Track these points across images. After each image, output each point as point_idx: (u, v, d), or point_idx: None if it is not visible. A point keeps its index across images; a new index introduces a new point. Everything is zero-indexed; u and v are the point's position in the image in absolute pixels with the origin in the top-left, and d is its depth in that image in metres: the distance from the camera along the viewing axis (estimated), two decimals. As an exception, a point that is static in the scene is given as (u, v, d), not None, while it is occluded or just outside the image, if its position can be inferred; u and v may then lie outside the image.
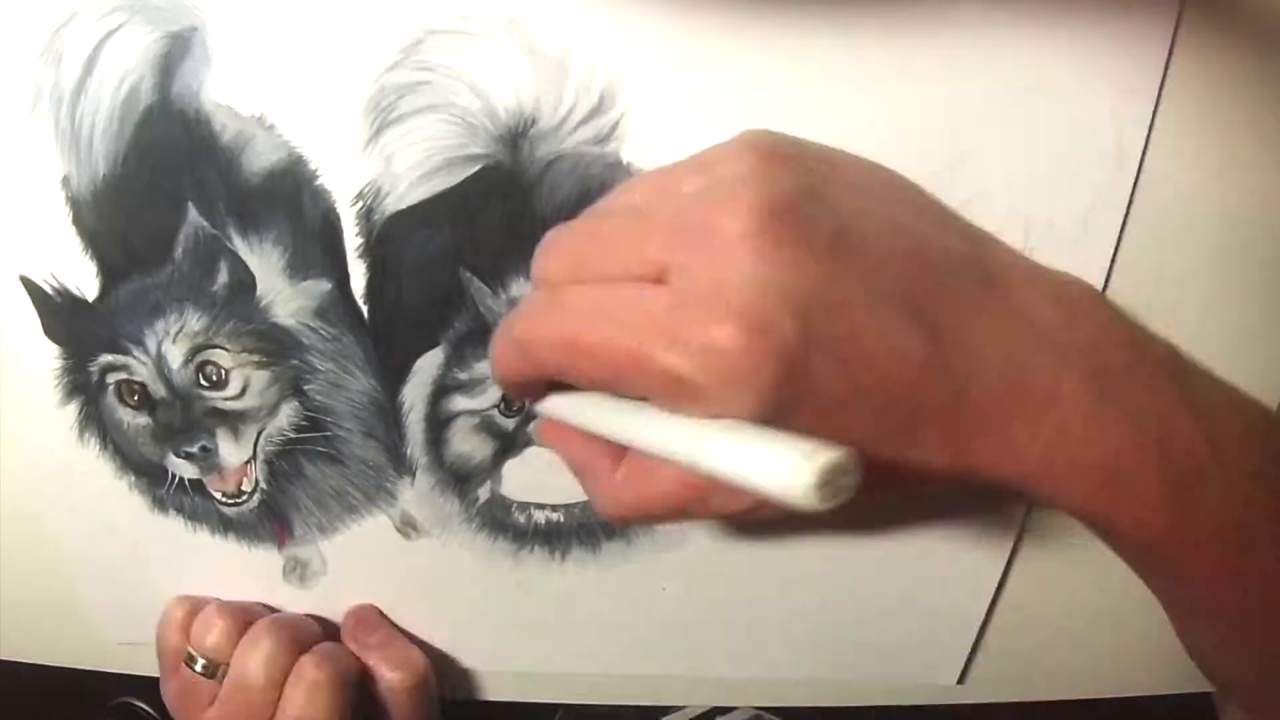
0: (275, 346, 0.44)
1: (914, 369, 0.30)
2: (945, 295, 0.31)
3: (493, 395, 0.45)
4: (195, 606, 0.48)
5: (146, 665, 0.50)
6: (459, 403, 0.45)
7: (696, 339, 0.28)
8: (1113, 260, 0.42)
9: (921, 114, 0.40)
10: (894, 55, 0.39)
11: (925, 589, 0.50)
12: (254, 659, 0.45)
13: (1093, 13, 0.38)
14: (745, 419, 0.28)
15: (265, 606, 0.50)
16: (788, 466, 0.25)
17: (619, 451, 0.35)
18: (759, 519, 0.37)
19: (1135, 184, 0.41)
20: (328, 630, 0.50)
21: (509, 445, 0.46)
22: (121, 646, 0.52)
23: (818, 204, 0.30)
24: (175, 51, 0.39)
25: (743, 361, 0.28)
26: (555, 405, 0.36)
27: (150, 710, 0.56)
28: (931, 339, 0.30)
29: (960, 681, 0.52)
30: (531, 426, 0.45)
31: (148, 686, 0.52)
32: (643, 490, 0.34)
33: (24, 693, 0.56)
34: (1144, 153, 0.40)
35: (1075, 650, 0.52)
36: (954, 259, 0.32)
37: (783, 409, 0.28)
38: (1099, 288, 0.42)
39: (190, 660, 0.47)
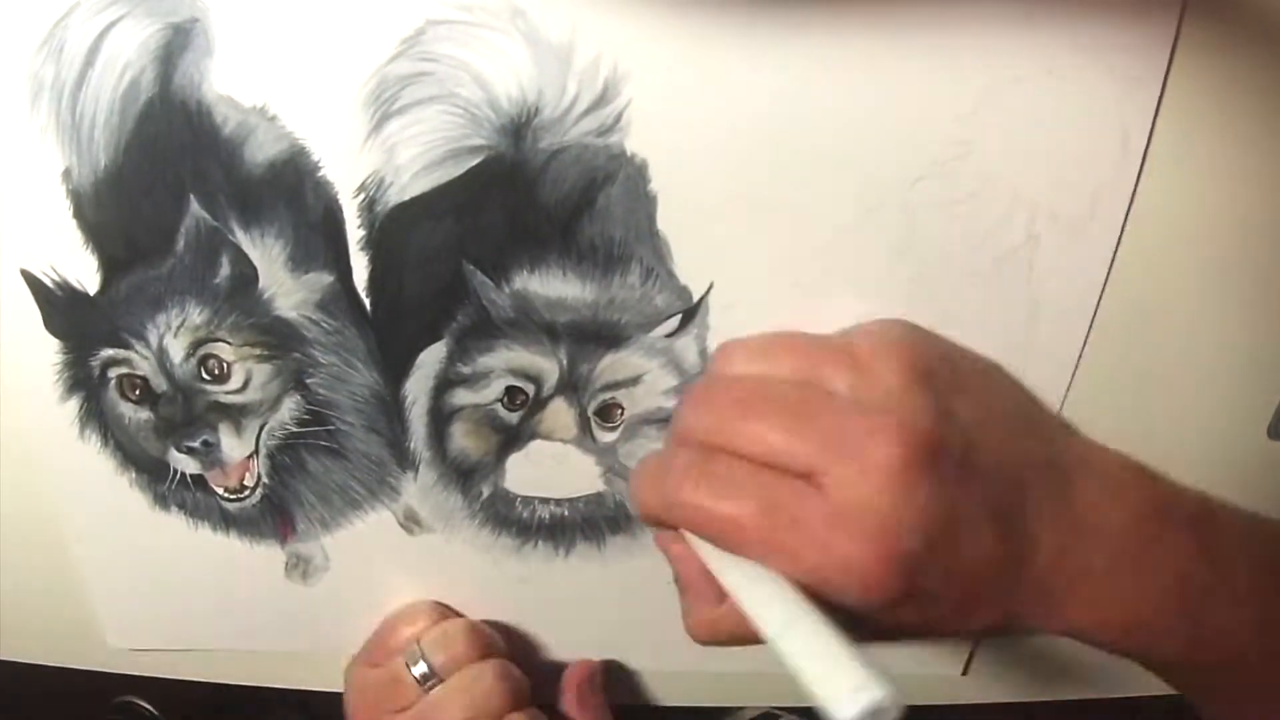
0: (277, 340, 0.44)
1: (992, 568, 0.35)
2: (1025, 502, 0.36)
3: (495, 389, 0.44)
4: (433, 618, 0.49)
5: (149, 666, 0.50)
6: (462, 397, 0.45)
7: (842, 550, 0.33)
8: (1116, 250, 0.42)
9: (925, 102, 0.39)
10: (898, 44, 0.38)
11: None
12: (468, 693, 0.45)
13: (1097, 1, 0.38)
14: (865, 613, 0.34)
15: (505, 636, 0.50)
16: (836, 692, 0.30)
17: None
18: None
19: (1140, 172, 0.41)
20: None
21: (512, 439, 0.45)
22: (126, 650, 0.52)
23: (952, 428, 0.35)
24: (176, 43, 0.39)
25: (876, 578, 0.33)
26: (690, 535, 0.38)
27: (151, 709, 0.55)
28: (1007, 539, 0.35)
29: (964, 673, 0.52)
30: (537, 420, 0.45)
31: (149, 685, 0.52)
32: (738, 628, 0.37)
33: (24, 693, 0.55)
34: (1149, 140, 0.40)
35: (1075, 647, 0.52)
36: (1037, 467, 0.37)
37: (889, 607, 0.34)
38: (1102, 278, 0.42)
39: (413, 660, 0.46)
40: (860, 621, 0.34)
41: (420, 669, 0.46)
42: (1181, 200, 0.41)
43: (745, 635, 0.37)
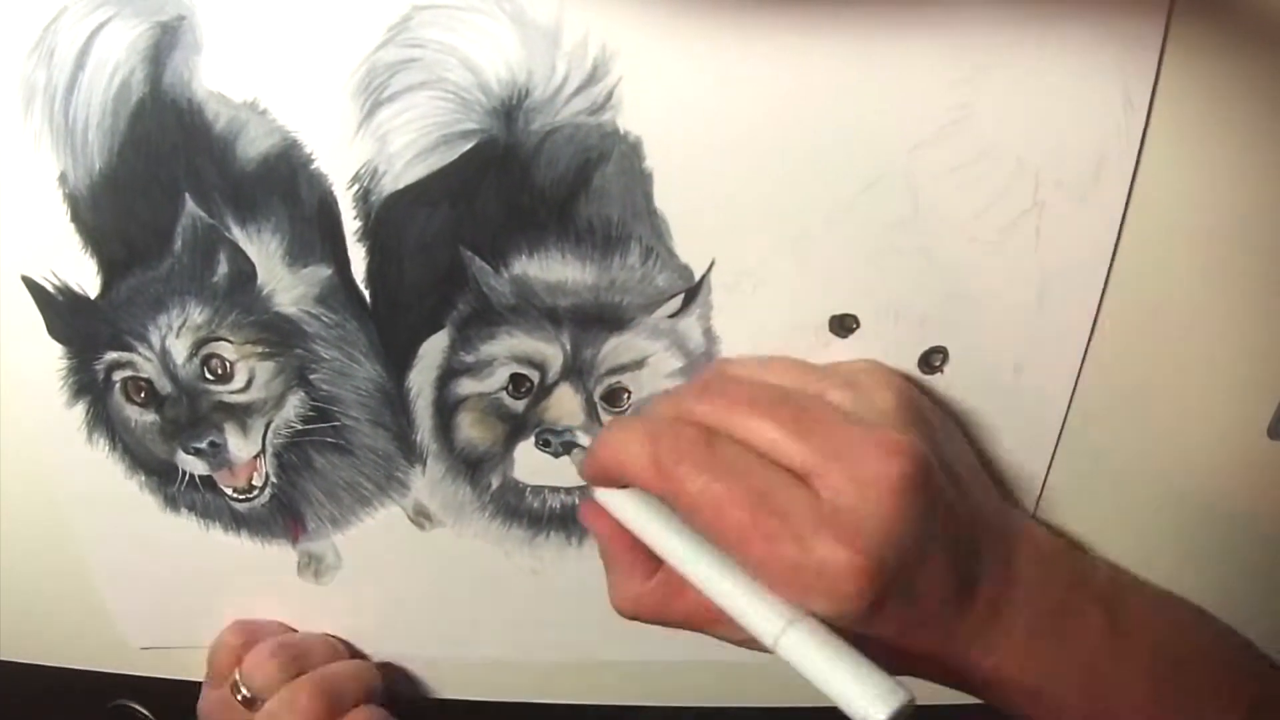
0: (279, 336, 0.43)
1: (942, 605, 0.37)
2: (978, 551, 0.38)
3: (500, 377, 0.44)
4: (252, 638, 0.49)
5: (160, 666, 0.50)
6: (466, 386, 0.44)
7: (821, 552, 0.33)
8: (1123, 216, 0.41)
9: (925, 68, 0.39)
10: (892, 10, 0.38)
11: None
12: (287, 715, 0.46)
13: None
14: (829, 619, 0.34)
15: (327, 644, 0.51)
16: (867, 697, 0.31)
17: (655, 562, 0.39)
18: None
19: (1144, 133, 0.40)
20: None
21: (519, 428, 0.45)
22: (138, 649, 0.52)
23: (936, 470, 0.36)
24: (164, 42, 0.39)
25: (849, 585, 0.33)
26: (620, 504, 0.39)
27: (146, 713, 0.56)
28: (958, 580, 0.37)
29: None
30: (543, 407, 0.45)
31: (145, 687, 0.52)
32: (666, 604, 0.39)
33: (24, 693, 0.56)
34: (1151, 102, 0.39)
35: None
36: (989, 524, 0.39)
37: (852, 620, 0.34)
38: (1110, 247, 0.42)
39: (235, 689, 0.48)
40: None
41: (243, 693, 0.47)
42: (1188, 161, 0.41)
43: (669, 615, 0.39)
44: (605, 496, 0.40)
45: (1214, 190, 0.41)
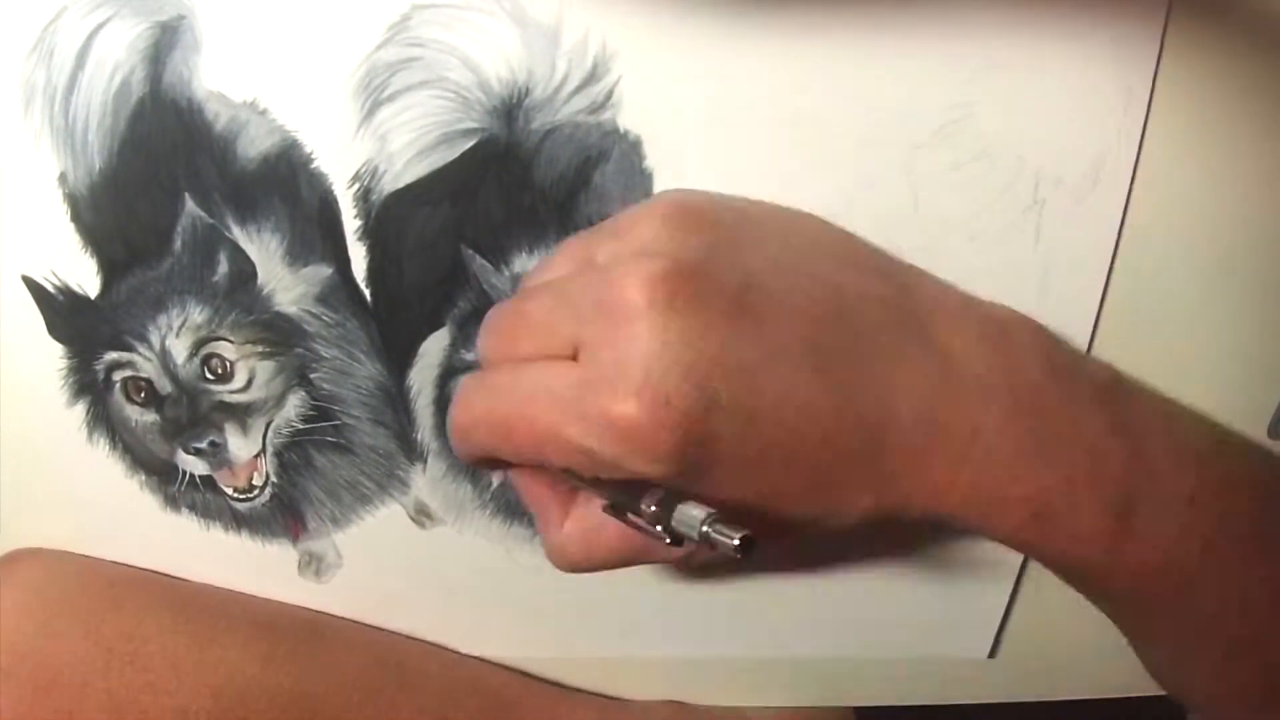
0: (279, 335, 0.44)
1: (823, 423, 0.31)
2: (858, 345, 0.32)
3: (500, 376, 0.44)
4: None
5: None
6: (467, 385, 0.44)
7: (600, 416, 0.30)
8: (1124, 215, 0.41)
9: (923, 68, 0.39)
10: (893, 13, 0.38)
11: (949, 568, 0.49)
12: None
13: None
14: (656, 481, 0.30)
15: None
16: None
17: (568, 501, 0.37)
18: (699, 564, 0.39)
19: (1144, 132, 0.40)
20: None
21: (519, 427, 0.45)
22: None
23: (721, 265, 0.31)
24: (164, 41, 0.39)
25: (645, 435, 0.29)
26: None
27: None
28: (839, 389, 0.32)
29: (992, 655, 0.52)
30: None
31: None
32: (588, 544, 0.36)
33: None
34: (1150, 101, 0.39)
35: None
36: (870, 305, 0.33)
37: (691, 472, 0.30)
38: (1111, 245, 0.42)
39: None
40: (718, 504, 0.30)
41: None
42: (1190, 155, 0.41)
43: (597, 553, 0.36)
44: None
45: (1214, 189, 0.42)
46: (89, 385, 0.45)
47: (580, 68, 0.39)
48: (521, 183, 0.40)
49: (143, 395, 0.45)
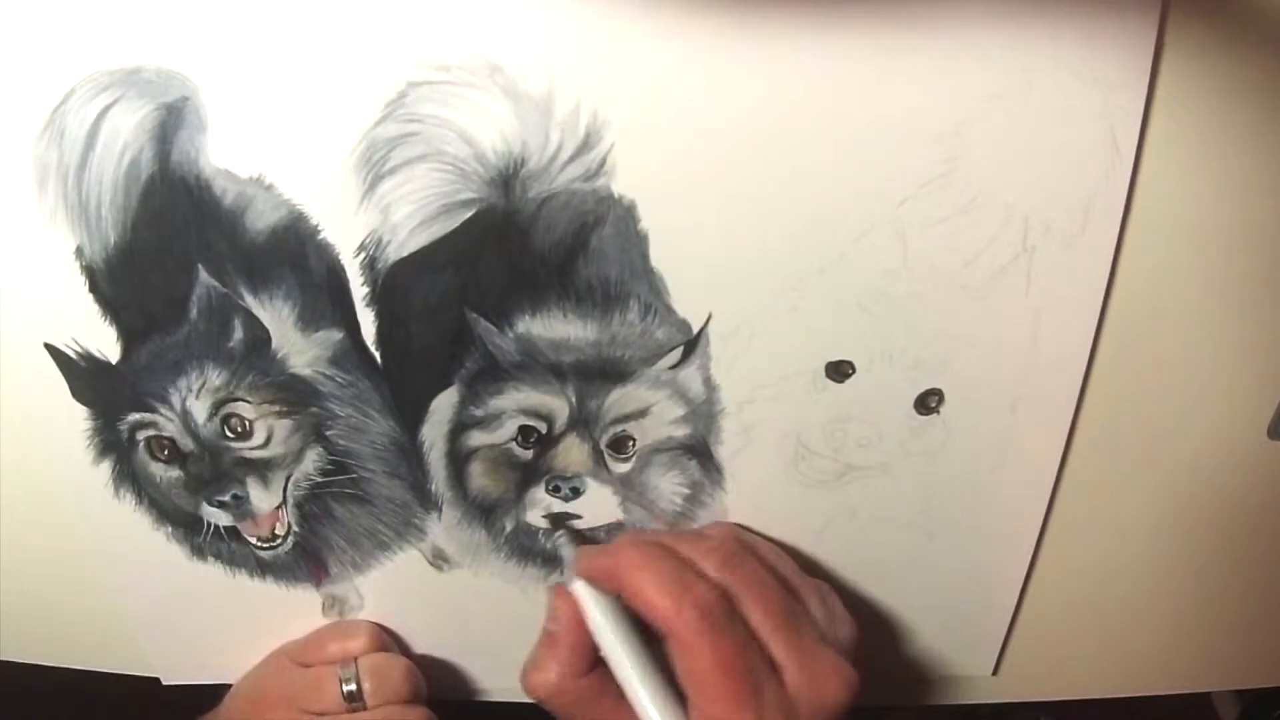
0: (295, 396, 0.45)
1: None
2: None
3: (509, 429, 0.45)
4: (380, 643, 0.51)
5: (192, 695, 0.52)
6: (477, 438, 0.46)
7: None
8: (1115, 258, 0.42)
9: (914, 120, 0.39)
10: (884, 63, 0.38)
11: (951, 590, 0.50)
12: None
13: (1079, 7, 0.38)
14: None
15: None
16: None
17: (589, 664, 0.42)
18: None
19: (1133, 178, 0.40)
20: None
21: (529, 475, 0.46)
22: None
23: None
24: (170, 121, 0.40)
25: None
26: (594, 604, 0.42)
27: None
28: None
29: (995, 673, 0.53)
30: (551, 455, 0.46)
31: (146, 686, 0.54)
32: (581, 705, 0.43)
33: (23, 692, 0.58)
34: (1139, 146, 0.40)
35: (1109, 644, 0.53)
36: None
37: None
38: (1102, 286, 0.42)
39: (346, 676, 0.48)
40: None
41: (350, 686, 0.48)
42: (1177, 203, 0.41)
43: (576, 714, 0.43)
44: (584, 592, 0.42)
45: (1204, 227, 0.42)
46: (113, 444, 0.47)
47: (573, 137, 0.39)
48: (521, 249, 0.41)
49: (166, 453, 0.46)
